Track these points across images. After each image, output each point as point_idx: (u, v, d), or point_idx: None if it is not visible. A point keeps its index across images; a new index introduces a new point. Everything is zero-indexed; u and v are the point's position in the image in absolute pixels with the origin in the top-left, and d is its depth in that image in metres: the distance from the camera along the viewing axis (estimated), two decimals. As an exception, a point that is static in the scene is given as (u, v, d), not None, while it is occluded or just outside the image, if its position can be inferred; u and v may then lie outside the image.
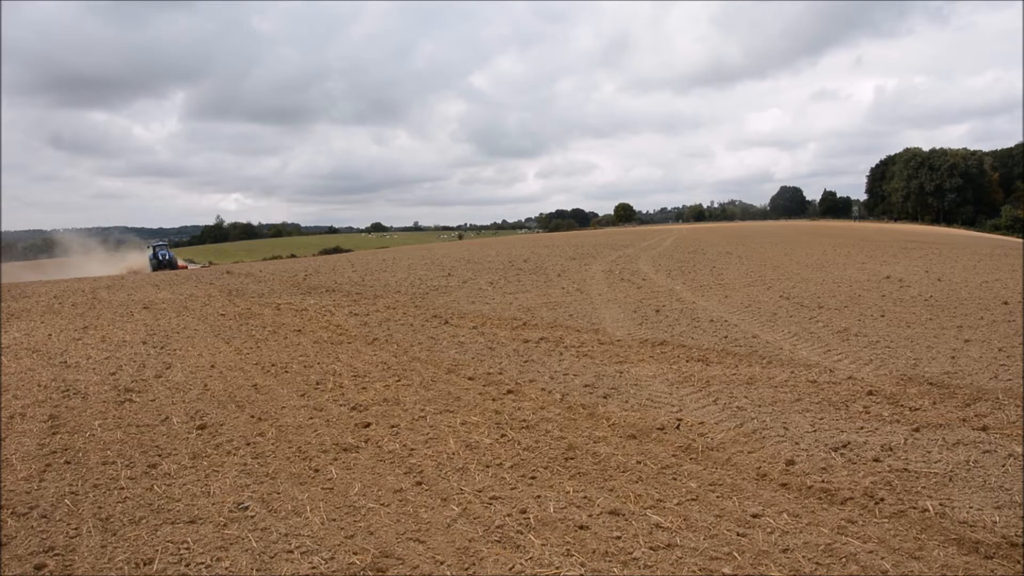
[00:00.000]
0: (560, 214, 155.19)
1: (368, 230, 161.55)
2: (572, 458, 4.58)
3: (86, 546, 3.54)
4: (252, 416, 5.83)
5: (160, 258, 43.11)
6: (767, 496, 3.90)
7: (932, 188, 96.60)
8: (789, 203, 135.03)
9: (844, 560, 3.16)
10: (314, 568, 3.24)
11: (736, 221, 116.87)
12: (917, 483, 3.98)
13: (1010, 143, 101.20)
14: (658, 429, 5.09)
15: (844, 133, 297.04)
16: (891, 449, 4.53)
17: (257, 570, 3.24)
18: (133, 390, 6.85)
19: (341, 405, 6.09)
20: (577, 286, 15.05)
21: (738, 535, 3.43)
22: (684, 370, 6.98)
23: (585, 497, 3.95)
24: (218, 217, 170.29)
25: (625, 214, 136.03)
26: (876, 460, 4.35)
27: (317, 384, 6.89)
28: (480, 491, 4.09)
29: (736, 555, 3.23)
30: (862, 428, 5.00)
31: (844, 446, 4.62)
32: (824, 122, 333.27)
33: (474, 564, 3.24)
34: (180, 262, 45.39)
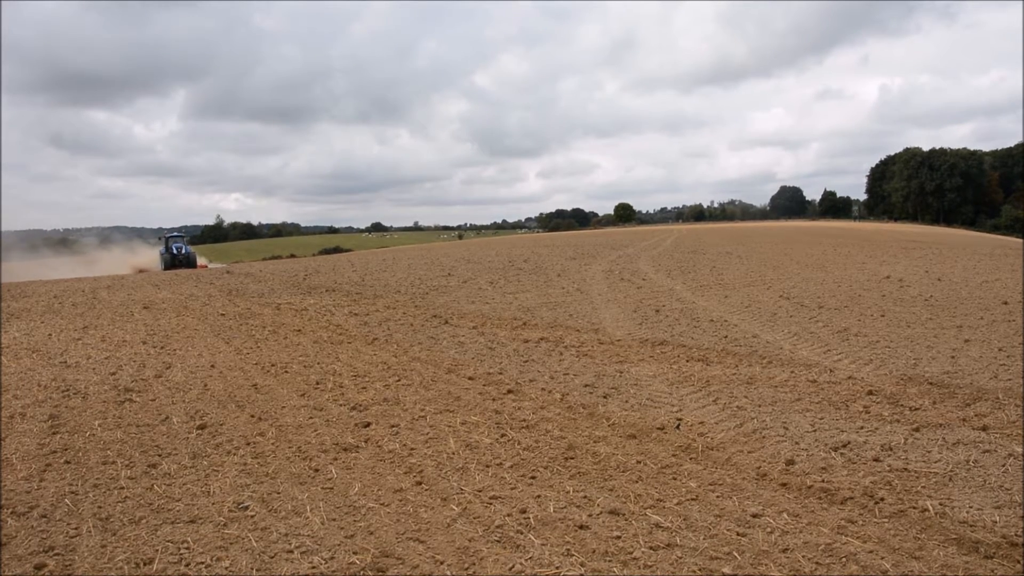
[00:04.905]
0: (560, 214, 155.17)
1: (368, 230, 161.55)
2: (572, 458, 4.58)
3: (86, 546, 3.54)
4: (252, 416, 5.83)
5: (175, 253, 35.88)
6: (767, 496, 3.90)
7: (932, 188, 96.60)
8: (789, 203, 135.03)
9: (844, 560, 3.16)
10: (314, 568, 3.24)
11: (736, 221, 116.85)
12: (917, 483, 3.98)
13: (1014, 143, 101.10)
14: (658, 429, 5.09)
15: (848, 132, 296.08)
16: (891, 449, 4.53)
17: (257, 570, 3.24)
18: (133, 390, 6.85)
19: (341, 405, 6.09)
20: (577, 286, 15.05)
21: (738, 535, 3.43)
22: (684, 370, 6.98)
23: (585, 497, 3.95)
24: (218, 217, 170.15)
25: (625, 214, 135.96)
26: (876, 460, 4.35)
27: (317, 384, 6.89)
28: (480, 491, 4.09)
29: (736, 555, 3.23)
30: (862, 428, 5.00)
31: (844, 446, 4.63)
32: (828, 121, 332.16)
33: (474, 564, 3.24)
34: (200, 260, 37.95)
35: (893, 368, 6.72)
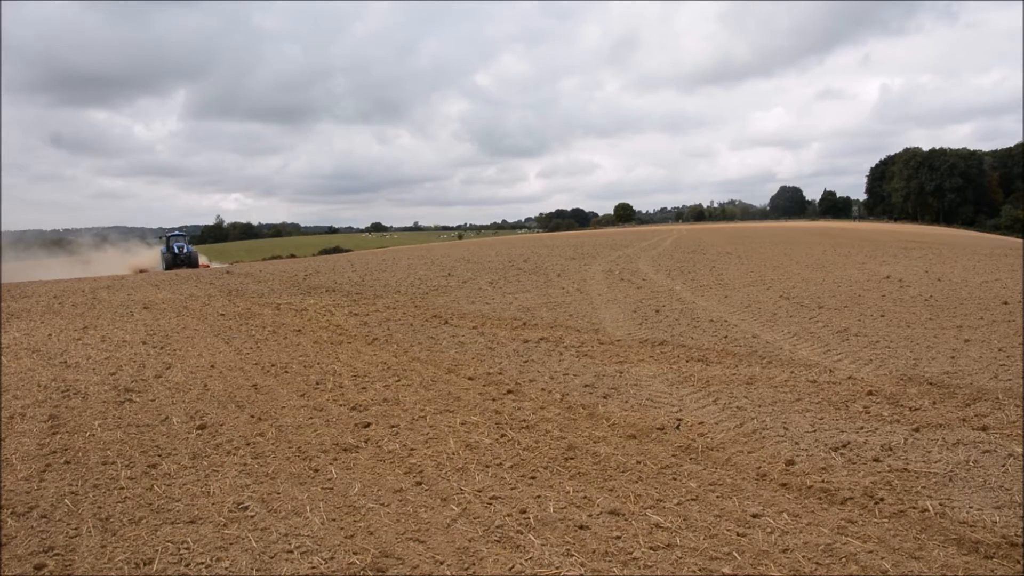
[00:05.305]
0: (560, 214, 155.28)
1: (368, 230, 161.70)
2: (572, 458, 4.58)
3: (86, 546, 3.54)
4: (252, 416, 5.82)
5: (176, 252, 35.10)
6: (767, 496, 3.90)
7: (932, 188, 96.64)
8: (789, 203, 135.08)
9: (844, 560, 3.16)
10: (314, 568, 3.24)
11: (736, 221, 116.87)
12: (917, 483, 3.98)
13: (1014, 143, 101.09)
14: (658, 429, 5.09)
15: (849, 132, 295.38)
16: (891, 449, 4.53)
17: (257, 570, 3.24)
18: (133, 390, 6.84)
19: (341, 405, 6.09)
20: (577, 286, 15.05)
21: (738, 535, 3.43)
22: (684, 370, 6.97)
23: (585, 497, 3.95)
24: (218, 217, 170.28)
25: (625, 214, 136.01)
26: (876, 460, 4.35)
27: (317, 384, 6.89)
28: (480, 491, 4.09)
29: (736, 555, 3.23)
30: (862, 428, 5.00)
31: (844, 446, 4.63)
32: (829, 121, 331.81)
33: (474, 564, 3.25)
34: (202, 260, 37.44)
35: (893, 368, 6.72)
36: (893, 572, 3.06)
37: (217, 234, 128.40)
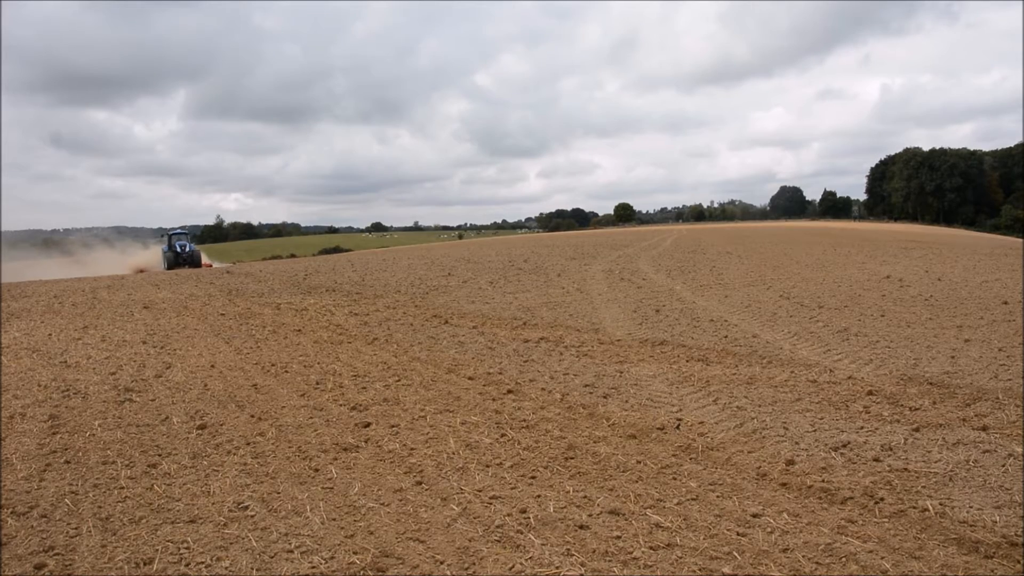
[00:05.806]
0: (560, 214, 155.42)
1: (368, 230, 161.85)
2: (572, 458, 4.58)
3: (86, 546, 3.54)
4: (252, 416, 5.83)
5: (179, 251, 34.01)
6: (767, 496, 3.90)
7: (932, 188, 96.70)
8: (789, 203, 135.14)
9: (844, 560, 3.16)
10: (314, 568, 3.24)
11: (736, 221, 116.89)
12: (917, 483, 3.98)
13: (1015, 143, 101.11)
14: (658, 429, 5.09)
15: (849, 132, 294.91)
16: (891, 449, 4.53)
17: (257, 570, 3.24)
18: (133, 390, 6.84)
19: (341, 405, 6.09)
20: (577, 286, 15.05)
21: (738, 535, 3.43)
22: (684, 370, 6.98)
23: (585, 497, 3.95)
24: (218, 217, 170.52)
25: (625, 214, 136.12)
26: (876, 460, 4.35)
27: (317, 384, 6.89)
28: (480, 491, 4.09)
29: (736, 555, 3.23)
30: (862, 428, 5.00)
31: (844, 446, 4.63)
32: (829, 121, 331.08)
33: (474, 564, 3.25)
34: (204, 259, 36.31)
35: (893, 368, 6.72)
36: (893, 572, 3.06)
37: (217, 234, 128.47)
